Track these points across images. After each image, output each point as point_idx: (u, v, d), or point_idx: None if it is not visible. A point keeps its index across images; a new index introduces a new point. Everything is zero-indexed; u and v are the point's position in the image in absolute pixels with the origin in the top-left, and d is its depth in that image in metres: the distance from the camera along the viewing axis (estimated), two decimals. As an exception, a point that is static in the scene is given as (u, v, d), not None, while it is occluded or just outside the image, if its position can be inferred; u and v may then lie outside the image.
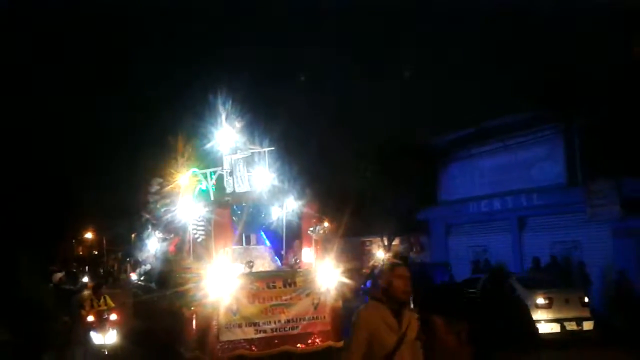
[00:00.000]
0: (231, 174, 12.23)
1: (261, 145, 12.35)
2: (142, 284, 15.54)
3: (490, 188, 24.85)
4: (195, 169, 13.72)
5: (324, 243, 11.89)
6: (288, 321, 11.04)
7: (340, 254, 13.05)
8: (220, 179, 12.61)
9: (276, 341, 10.93)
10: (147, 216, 14.79)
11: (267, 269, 11.95)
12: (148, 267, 15.48)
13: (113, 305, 14.20)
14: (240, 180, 12.17)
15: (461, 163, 26.76)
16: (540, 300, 15.49)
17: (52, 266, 20.64)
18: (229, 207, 11.62)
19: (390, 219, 25.45)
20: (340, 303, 11.35)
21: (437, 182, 27.70)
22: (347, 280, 11.45)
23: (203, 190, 13.42)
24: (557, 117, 22.10)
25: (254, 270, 11.71)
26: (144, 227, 15.87)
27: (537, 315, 14.88)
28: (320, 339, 11.15)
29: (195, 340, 11.02)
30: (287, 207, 12.21)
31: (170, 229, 14.11)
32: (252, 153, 12.25)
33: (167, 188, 13.79)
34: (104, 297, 14.16)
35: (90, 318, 13.55)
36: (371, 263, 23.56)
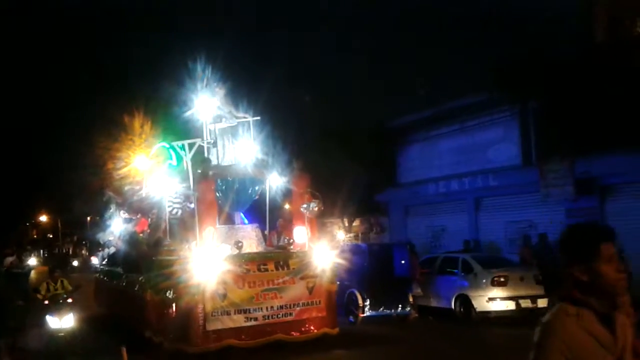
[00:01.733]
0: (214, 144, 10.45)
1: (245, 115, 10.67)
2: (106, 268, 13.64)
3: (448, 169, 23.74)
4: (164, 143, 12.01)
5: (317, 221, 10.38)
6: (281, 307, 9.47)
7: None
8: (199, 151, 10.85)
9: (268, 329, 9.41)
10: (111, 194, 12.96)
11: (255, 250, 10.27)
12: (112, 250, 13.63)
13: (70, 288, 12.75)
14: (225, 152, 10.45)
15: (419, 145, 25.58)
16: (496, 278, 15.03)
17: (6, 250, 18.57)
18: (213, 182, 9.92)
19: (350, 201, 24.09)
20: (335, 286, 9.90)
21: (395, 164, 26.43)
22: (342, 261, 10.00)
23: (173, 166, 11.72)
24: (512, 100, 21.21)
25: (242, 251, 10.02)
26: (106, 207, 14.02)
27: (492, 293, 14.84)
28: (315, 325, 9.61)
29: (177, 330, 9.36)
30: (272, 183, 10.67)
31: (138, 208, 12.35)
32: (237, 123, 10.54)
33: (132, 165, 12.03)
34: (61, 281, 12.78)
35: (46, 302, 12.16)
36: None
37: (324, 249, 9.75)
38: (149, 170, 12.83)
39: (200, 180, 9.70)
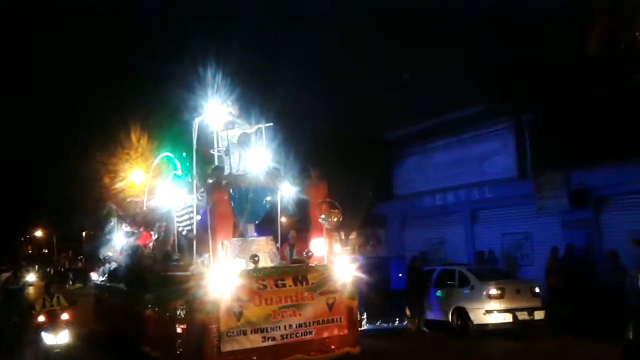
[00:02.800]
0: (227, 152, 9.53)
1: (257, 122, 9.79)
2: (107, 284, 12.59)
3: (445, 182, 23.00)
4: (168, 153, 11.11)
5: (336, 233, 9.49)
6: (300, 325, 8.48)
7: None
8: (209, 160, 9.91)
9: (287, 349, 8.41)
10: (113, 207, 11.98)
11: (270, 264, 9.32)
12: (113, 265, 12.63)
13: (66, 304, 12.26)
14: (238, 160, 9.53)
15: (416, 157, 24.80)
16: (493, 291, 14.59)
17: (1, 266, 17.54)
18: (226, 192, 9.01)
19: (347, 213, 23.25)
20: (356, 302, 9.00)
21: (392, 176, 25.69)
22: (363, 276, 9.12)
23: (178, 177, 10.81)
24: (508, 112, 20.69)
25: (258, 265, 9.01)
26: (106, 220, 13.04)
27: (489, 305, 14.46)
28: (336, 344, 8.63)
29: (188, 351, 8.39)
30: (285, 192, 9.79)
31: (141, 221, 11.41)
32: (250, 130, 9.63)
33: (132, 177, 11.10)
34: (57, 297, 12.25)
35: (42, 318, 11.76)
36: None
37: (344, 262, 8.87)
38: (152, 181, 11.91)
39: (212, 190, 8.77)
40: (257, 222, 9.83)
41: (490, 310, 14.47)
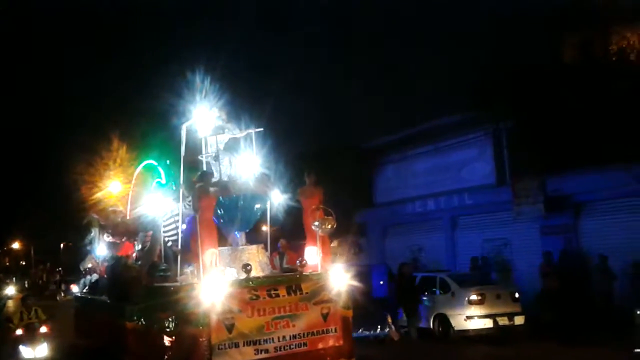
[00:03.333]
0: (216, 158, 9.07)
1: (246, 127, 9.34)
2: (89, 296, 11.96)
3: (424, 189, 22.78)
4: (151, 160, 10.61)
5: (330, 241, 9.08)
6: (294, 336, 7.98)
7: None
8: (195, 167, 9.40)
9: (281, 362, 8.00)
10: (94, 217, 11.41)
11: (262, 273, 8.86)
12: (94, 276, 12.03)
13: (44, 317, 12.08)
14: (227, 166, 9.05)
15: (396, 165, 24.53)
16: (473, 297, 14.63)
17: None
18: (215, 199, 8.50)
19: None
20: (351, 312, 8.59)
21: (373, 184, 25.40)
22: (358, 285, 8.73)
23: (162, 185, 10.31)
24: (485, 120, 20.56)
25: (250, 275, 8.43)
26: (86, 231, 12.46)
27: (470, 311, 14.48)
28: (331, 356, 8.14)
29: (178, 368, 7.91)
30: (274, 199, 9.35)
31: (124, 231, 10.87)
32: (239, 135, 9.17)
33: (111, 187, 10.58)
34: (35, 310, 12.09)
35: (20, 332, 11.62)
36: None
37: (339, 271, 8.46)
38: (134, 190, 11.37)
39: (201, 197, 8.30)
40: (246, 230, 9.37)
41: (471, 316, 14.42)
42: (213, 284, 7.72)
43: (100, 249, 11.45)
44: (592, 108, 17.25)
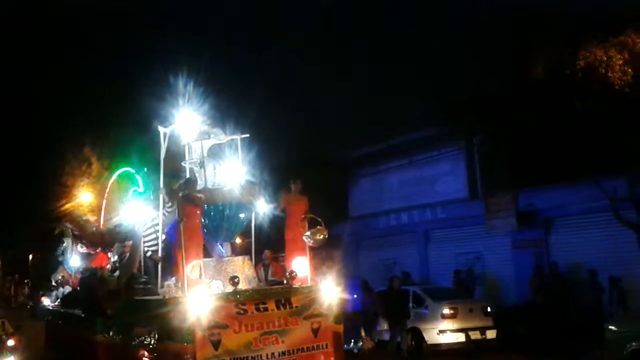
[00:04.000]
0: (201, 165, 8.43)
1: (231, 133, 8.78)
2: (61, 310, 11.18)
3: (398, 203, 22.40)
4: (128, 168, 9.99)
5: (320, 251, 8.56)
6: (283, 353, 7.39)
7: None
8: (175, 174, 8.79)
9: (269, 380, 7.33)
10: (67, 226, 10.66)
11: (248, 286, 8.24)
12: (67, 289, 11.25)
13: (11, 330, 11.36)
14: (213, 173, 8.46)
15: (370, 178, 24.09)
16: (446, 311, 14.34)
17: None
18: (199, 208, 7.89)
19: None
20: (342, 327, 8.08)
21: (347, 197, 24.94)
22: (347, 297, 8.22)
23: (140, 193, 9.70)
24: (458, 135, 20.38)
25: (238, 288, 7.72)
26: (58, 241, 11.70)
27: (443, 325, 14.26)
28: (322, 374, 7.77)
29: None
30: (260, 208, 8.81)
31: (99, 241, 10.19)
32: (225, 140, 8.61)
33: (84, 195, 9.93)
34: (2, 322, 11.43)
35: None
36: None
37: (329, 284, 7.95)
38: (110, 199, 10.72)
39: (184, 205, 7.72)
40: (231, 240, 8.79)
41: (444, 330, 14.19)
42: (199, 298, 7.13)
43: (74, 260, 10.69)
44: (562, 124, 17.17)
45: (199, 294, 7.19)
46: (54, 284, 11.94)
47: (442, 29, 22.14)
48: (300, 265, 8.32)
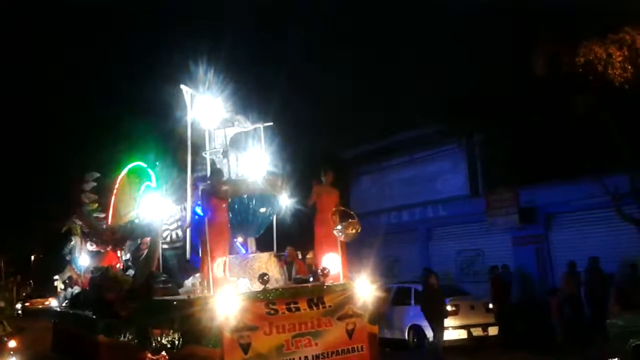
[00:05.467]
0: (225, 154, 7.60)
1: (254, 121, 7.99)
2: (70, 311, 10.28)
3: (399, 200, 21.81)
4: (140, 162, 9.19)
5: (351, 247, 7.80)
6: (317, 357, 6.66)
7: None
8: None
9: (302, 387, 6.44)
10: (77, 222, 9.79)
11: (276, 285, 7.34)
12: (76, 289, 10.39)
13: (10, 330, 11.18)
14: (237, 163, 7.63)
15: (371, 177, 23.43)
16: (448, 308, 13.68)
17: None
18: (225, 201, 7.02)
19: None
20: (377, 327, 7.34)
21: (348, 195, 24.22)
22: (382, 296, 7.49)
23: (152, 188, 8.90)
24: (458, 133, 19.79)
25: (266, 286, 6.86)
26: (65, 239, 10.85)
27: (445, 322, 13.45)
28: (358, 379, 6.99)
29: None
30: (284, 201, 8.05)
31: (109, 240, 9.37)
32: (249, 129, 7.80)
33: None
34: (2, 323, 11.26)
35: None
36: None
37: (364, 281, 7.20)
38: (118, 196, 9.92)
39: (210, 199, 6.95)
40: (257, 235, 8.02)
41: (446, 327, 13.51)
42: (227, 297, 6.36)
43: (83, 259, 9.83)
44: (562, 121, 16.72)
45: (228, 293, 6.42)
46: (61, 284, 11.03)
47: (443, 26, 21.62)
48: (331, 262, 7.54)
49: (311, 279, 7.83)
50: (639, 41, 12.57)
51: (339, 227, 7.47)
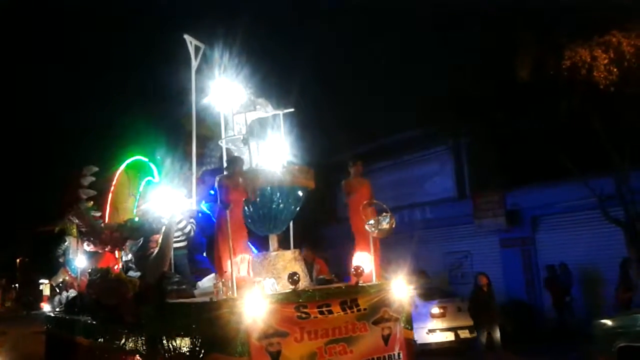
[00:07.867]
0: (245, 141, 6.66)
1: (275, 107, 7.13)
2: (66, 317, 9.15)
3: (387, 203, 21.13)
4: (140, 157, 8.27)
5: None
6: (352, 366, 5.74)
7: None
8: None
9: (337, 399, 5.54)
10: (73, 220, 8.78)
11: (301, 285, 6.55)
12: (72, 293, 9.32)
13: None
14: (256, 152, 6.73)
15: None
16: (435, 310, 13.70)
17: None
18: (247, 194, 6.17)
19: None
20: (413, 332, 6.53)
21: (335, 198, 23.52)
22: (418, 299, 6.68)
23: (155, 183, 8.00)
24: (445, 135, 19.32)
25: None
26: (59, 239, 9.81)
27: (432, 324, 13.67)
28: (395, 389, 6.14)
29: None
30: (309, 193, 7.21)
31: (107, 239, 8.39)
32: (270, 114, 6.91)
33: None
34: None
35: None
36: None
37: (400, 281, 6.40)
38: (116, 192, 8.97)
39: (230, 189, 6.03)
40: (280, 232, 7.16)
41: (433, 329, 13.55)
42: (255, 300, 5.48)
43: (79, 260, 8.80)
44: (548, 123, 16.40)
45: (254, 295, 5.53)
46: (47, 289, 9.94)
47: (427, 28, 21.08)
48: (362, 261, 6.71)
49: (333, 280, 6.98)
50: (625, 44, 12.25)
51: (371, 221, 6.64)
